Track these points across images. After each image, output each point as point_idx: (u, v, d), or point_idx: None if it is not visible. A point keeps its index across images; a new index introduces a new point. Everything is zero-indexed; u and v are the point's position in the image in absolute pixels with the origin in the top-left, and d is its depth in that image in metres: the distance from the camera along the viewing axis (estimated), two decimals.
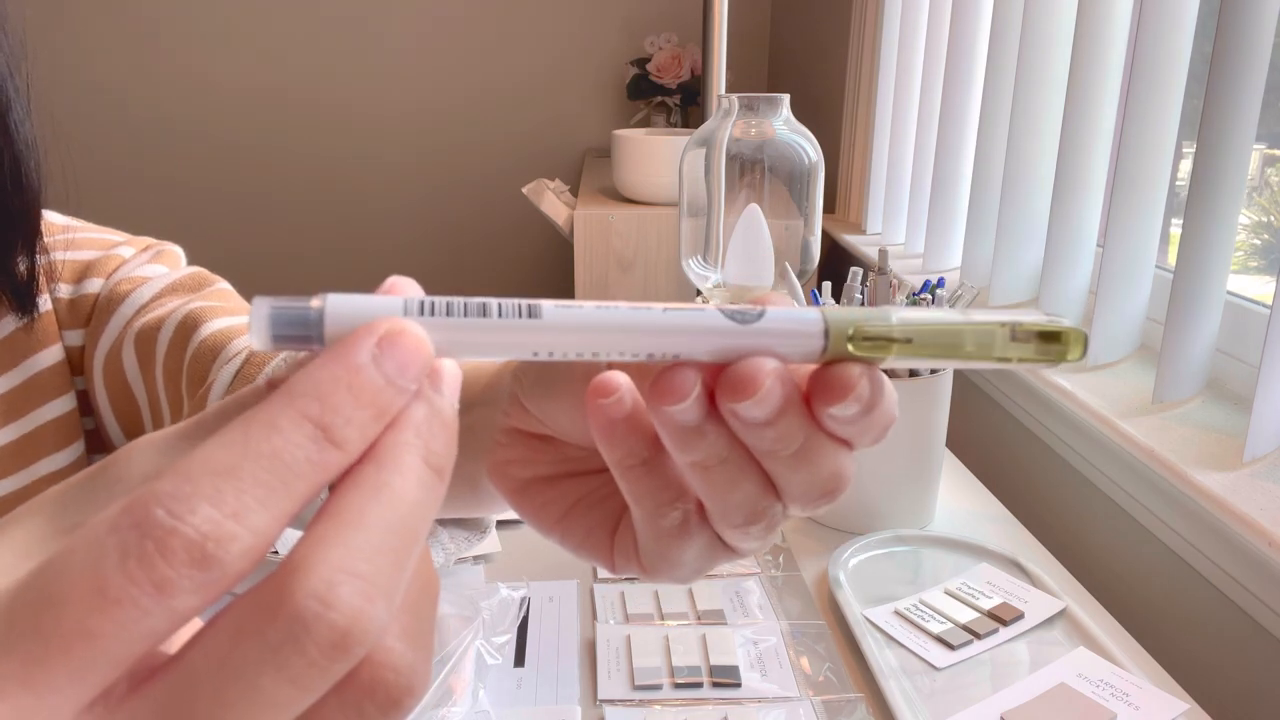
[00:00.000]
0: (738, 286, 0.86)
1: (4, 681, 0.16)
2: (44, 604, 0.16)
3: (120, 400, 0.60)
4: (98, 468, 0.21)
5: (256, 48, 2.44)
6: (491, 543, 0.74)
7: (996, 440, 1.13)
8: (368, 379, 0.19)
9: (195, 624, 0.18)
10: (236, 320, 0.58)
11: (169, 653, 0.18)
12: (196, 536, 0.16)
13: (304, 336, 0.20)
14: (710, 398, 0.23)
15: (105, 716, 0.17)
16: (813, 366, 0.24)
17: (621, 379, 0.24)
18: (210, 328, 0.56)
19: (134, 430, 0.61)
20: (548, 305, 0.21)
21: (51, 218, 0.60)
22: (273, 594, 0.17)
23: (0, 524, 0.20)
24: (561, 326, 0.21)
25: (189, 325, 0.57)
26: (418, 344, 0.19)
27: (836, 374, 0.23)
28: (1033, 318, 0.23)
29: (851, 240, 1.60)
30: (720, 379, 0.23)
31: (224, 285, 0.63)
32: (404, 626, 0.19)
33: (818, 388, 0.23)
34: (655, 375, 0.23)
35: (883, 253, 0.80)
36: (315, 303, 0.20)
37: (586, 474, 0.31)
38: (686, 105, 2.39)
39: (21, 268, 0.53)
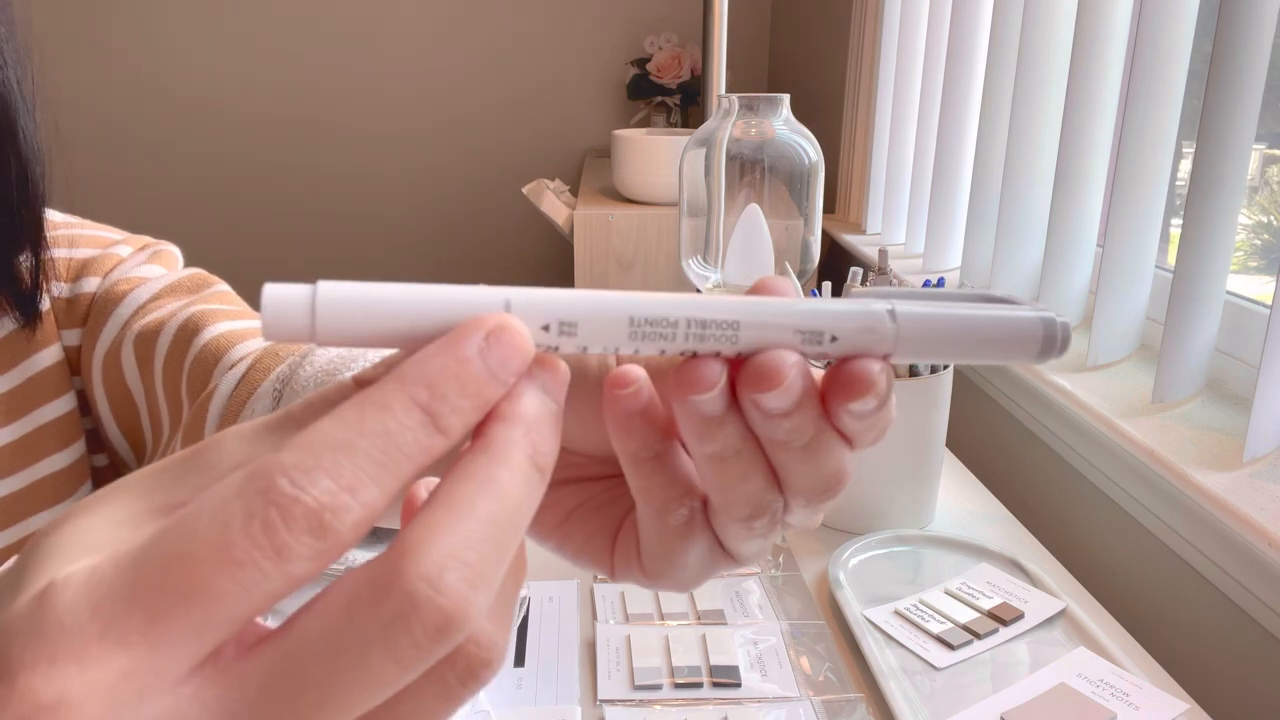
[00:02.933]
0: (738, 286, 0.86)
1: (128, 634, 0.17)
2: (171, 561, 0.17)
3: (119, 401, 0.60)
4: (188, 454, 0.21)
5: (260, 49, 2.44)
6: None
7: (996, 440, 1.14)
8: (474, 370, 0.20)
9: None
10: (238, 325, 0.58)
11: (267, 626, 0.19)
12: (316, 506, 0.17)
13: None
14: (730, 388, 0.24)
15: (215, 676, 0.18)
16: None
17: (639, 371, 0.25)
18: (211, 332, 0.56)
19: (132, 432, 0.61)
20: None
21: (52, 215, 0.60)
22: (386, 573, 0.18)
23: (89, 501, 0.21)
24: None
25: (190, 329, 0.57)
26: (522, 340, 0.20)
27: (858, 370, 0.23)
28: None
29: (851, 240, 1.60)
30: (743, 370, 0.23)
31: (223, 287, 0.63)
32: (491, 607, 0.20)
33: (838, 385, 0.24)
34: (678, 366, 0.23)
35: (883, 253, 0.80)
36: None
37: (585, 480, 0.31)
38: (686, 105, 2.39)
39: (25, 274, 0.54)
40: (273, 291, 0.20)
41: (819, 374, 0.24)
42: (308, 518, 0.17)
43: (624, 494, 0.29)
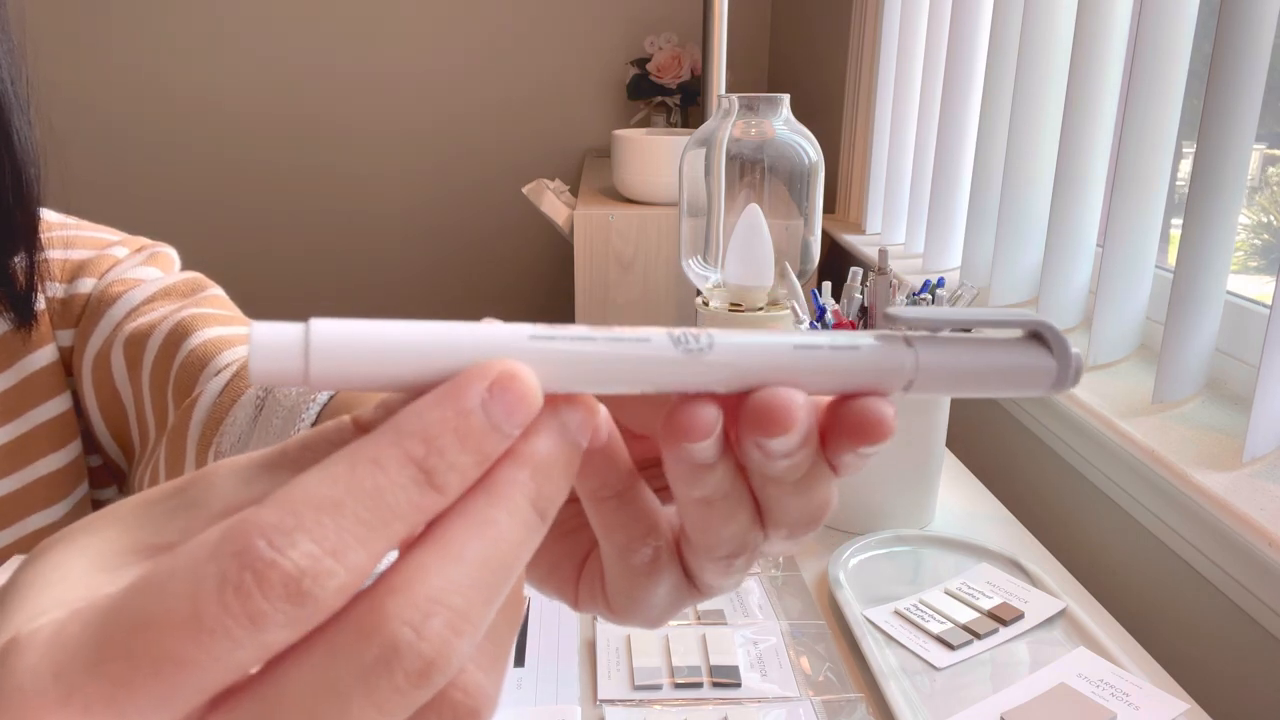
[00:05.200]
0: (738, 286, 0.86)
1: (91, 703, 0.16)
2: (138, 627, 0.16)
3: (108, 403, 0.60)
4: (175, 487, 0.20)
5: (259, 49, 2.44)
6: None
7: (996, 440, 1.13)
8: (475, 424, 0.18)
9: None
10: (226, 330, 0.57)
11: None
12: (295, 571, 0.16)
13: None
14: (724, 430, 0.22)
15: None
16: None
17: (600, 406, 0.24)
18: (199, 337, 0.56)
19: (121, 433, 0.61)
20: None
21: (48, 216, 0.60)
22: (369, 615, 0.17)
23: (74, 531, 0.20)
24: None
25: (179, 334, 0.56)
26: (528, 390, 0.19)
27: (871, 411, 0.22)
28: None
29: (851, 240, 1.60)
30: (747, 411, 0.22)
31: (217, 291, 0.63)
32: (481, 651, 0.19)
33: (848, 427, 0.22)
34: (670, 411, 0.22)
35: (883, 253, 0.80)
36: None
37: None
38: (686, 105, 2.39)
39: (20, 275, 0.54)
40: (262, 331, 0.18)
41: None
42: (285, 584, 0.16)
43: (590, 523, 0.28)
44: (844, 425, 0.22)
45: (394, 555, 0.18)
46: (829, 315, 0.77)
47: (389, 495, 0.17)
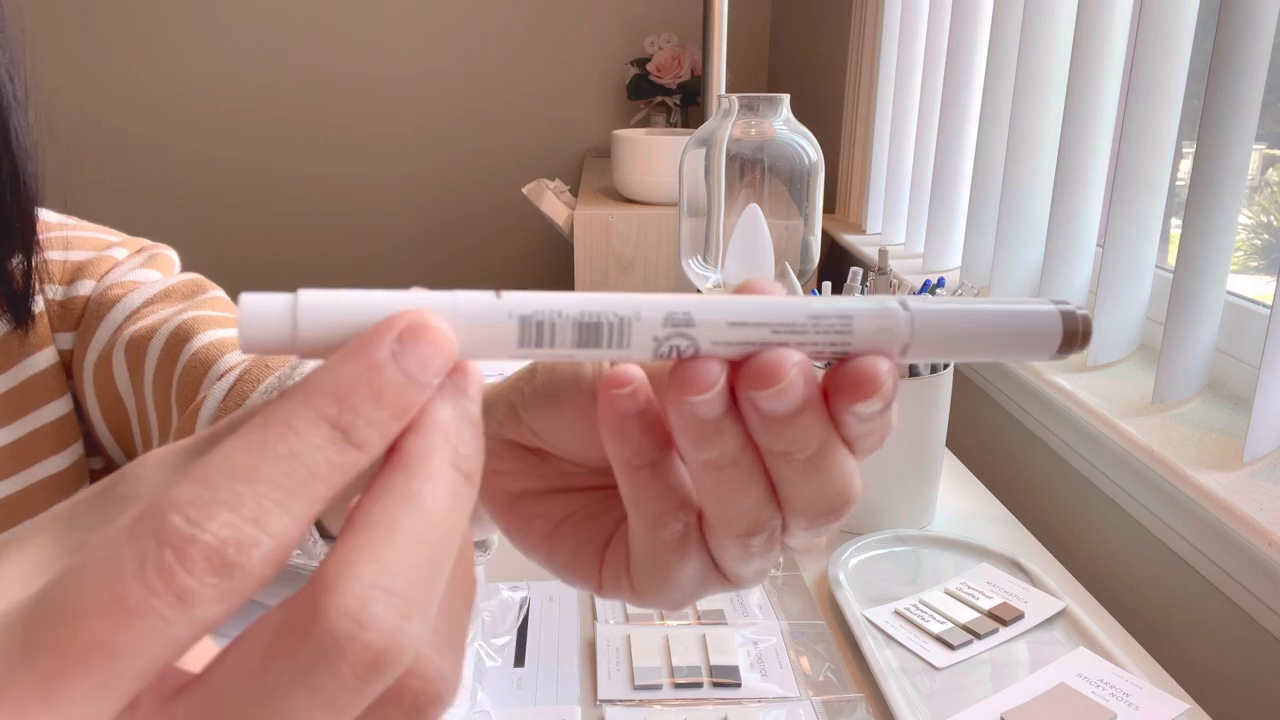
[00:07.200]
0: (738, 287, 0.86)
1: (24, 704, 0.15)
2: (61, 618, 0.16)
3: (110, 407, 0.60)
4: (105, 485, 0.20)
5: (260, 50, 2.44)
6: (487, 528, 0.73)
7: (996, 440, 1.13)
8: (387, 377, 0.18)
9: (208, 641, 0.18)
10: (229, 332, 0.57)
11: (192, 670, 0.17)
12: (217, 544, 0.16)
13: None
14: (730, 392, 0.22)
15: None
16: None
17: (636, 371, 0.23)
18: (201, 340, 0.56)
19: (124, 437, 0.61)
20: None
21: (47, 216, 0.59)
22: (304, 612, 0.16)
23: (3, 544, 0.19)
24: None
25: (180, 337, 0.56)
26: (440, 338, 0.19)
27: (864, 369, 0.22)
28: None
29: (851, 240, 1.60)
30: (743, 369, 0.22)
31: (218, 293, 0.62)
32: (436, 633, 0.18)
33: (842, 385, 0.22)
34: (675, 366, 0.22)
35: (883, 253, 0.80)
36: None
37: (578, 490, 0.30)
38: (686, 105, 2.39)
39: (18, 276, 0.53)
40: (251, 301, 0.18)
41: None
42: (209, 556, 0.16)
43: (615, 506, 0.28)
44: (839, 383, 0.22)
45: None
46: None
47: (305, 457, 0.17)
